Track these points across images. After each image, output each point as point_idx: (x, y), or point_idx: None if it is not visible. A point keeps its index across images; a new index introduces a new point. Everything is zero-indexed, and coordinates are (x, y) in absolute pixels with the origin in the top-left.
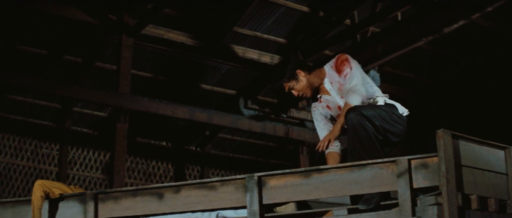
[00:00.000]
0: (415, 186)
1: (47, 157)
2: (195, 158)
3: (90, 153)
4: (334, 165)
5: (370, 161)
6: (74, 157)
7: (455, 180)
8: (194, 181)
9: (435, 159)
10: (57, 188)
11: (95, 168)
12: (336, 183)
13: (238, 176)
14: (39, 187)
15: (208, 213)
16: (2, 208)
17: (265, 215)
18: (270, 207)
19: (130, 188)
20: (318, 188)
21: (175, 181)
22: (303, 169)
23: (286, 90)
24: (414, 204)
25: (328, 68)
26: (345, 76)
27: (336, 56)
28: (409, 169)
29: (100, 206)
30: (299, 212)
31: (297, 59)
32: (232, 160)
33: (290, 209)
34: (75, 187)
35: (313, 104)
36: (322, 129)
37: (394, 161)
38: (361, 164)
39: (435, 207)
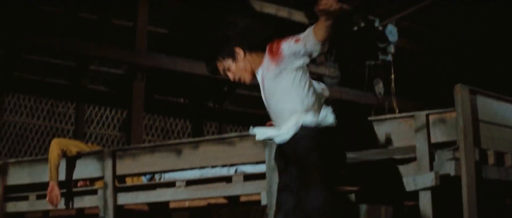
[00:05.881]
0: (433, 141)
1: (64, 116)
2: (213, 114)
3: (107, 111)
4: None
5: (388, 116)
6: (91, 115)
7: (473, 135)
8: (213, 137)
9: (453, 114)
10: (74, 146)
11: (112, 126)
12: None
13: None
14: (56, 146)
15: (226, 168)
16: (19, 168)
17: None
18: None
19: (148, 144)
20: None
21: (193, 138)
22: None
23: (221, 71)
24: (431, 158)
25: (266, 57)
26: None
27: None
28: (427, 124)
29: (118, 163)
30: None
31: (240, 37)
32: (250, 116)
33: None
34: (93, 145)
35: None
36: None
37: (412, 115)
38: (380, 119)
39: (453, 161)
